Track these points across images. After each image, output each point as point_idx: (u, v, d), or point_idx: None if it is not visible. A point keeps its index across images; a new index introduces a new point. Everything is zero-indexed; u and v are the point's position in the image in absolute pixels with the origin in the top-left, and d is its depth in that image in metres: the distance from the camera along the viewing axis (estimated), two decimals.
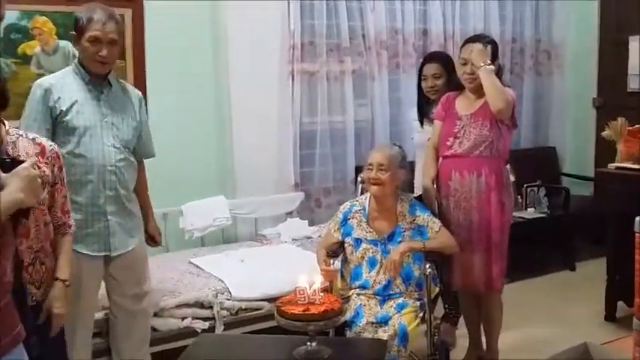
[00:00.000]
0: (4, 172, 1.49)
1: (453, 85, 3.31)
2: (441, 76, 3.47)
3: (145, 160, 2.88)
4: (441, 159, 3.20)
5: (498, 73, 3.10)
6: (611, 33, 5.53)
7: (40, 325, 1.98)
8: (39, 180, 1.57)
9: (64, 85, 2.55)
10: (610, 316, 3.92)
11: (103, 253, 2.63)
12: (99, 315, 2.86)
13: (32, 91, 2.55)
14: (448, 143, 3.12)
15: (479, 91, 3.07)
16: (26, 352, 1.58)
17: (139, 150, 2.77)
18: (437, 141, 3.20)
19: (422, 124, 3.57)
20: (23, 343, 1.56)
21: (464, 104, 3.15)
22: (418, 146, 3.57)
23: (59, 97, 2.51)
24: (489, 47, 3.05)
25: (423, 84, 3.53)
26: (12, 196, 1.44)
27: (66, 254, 2.14)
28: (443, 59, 3.57)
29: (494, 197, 3.06)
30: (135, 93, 2.76)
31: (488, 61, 2.98)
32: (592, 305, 4.03)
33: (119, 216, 2.64)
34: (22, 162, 1.56)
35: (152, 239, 2.93)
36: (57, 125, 2.52)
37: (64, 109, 2.51)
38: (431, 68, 3.50)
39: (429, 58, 3.66)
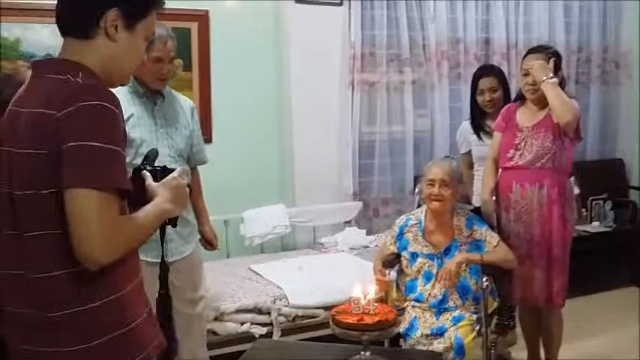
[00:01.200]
0: (155, 182, 1.52)
1: (508, 98, 3.29)
2: (497, 90, 3.50)
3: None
4: (500, 170, 3.17)
5: (561, 84, 3.04)
6: None
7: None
8: (186, 189, 1.57)
9: (120, 101, 2.64)
10: None
11: (158, 260, 2.70)
12: None
13: None
14: (509, 155, 3.09)
15: (541, 103, 3.03)
16: None
17: (192, 157, 2.85)
18: (496, 153, 3.18)
19: (479, 136, 3.56)
20: None
21: (525, 116, 3.11)
22: (478, 158, 3.55)
23: None
24: (552, 61, 3.00)
25: (480, 98, 3.54)
26: (160, 207, 1.46)
27: None
28: (498, 72, 3.61)
29: (556, 210, 3.01)
30: (186, 103, 2.83)
31: (551, 74, 2.94)
32: None
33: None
34: (172, 170, 1.57)
35: (209, 243, 2.98)
36: None
37: None
38: (487, 82, 3.52)
39: (484, 71, 3.66)
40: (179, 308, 2.83)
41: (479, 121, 3.58)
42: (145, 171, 1.54)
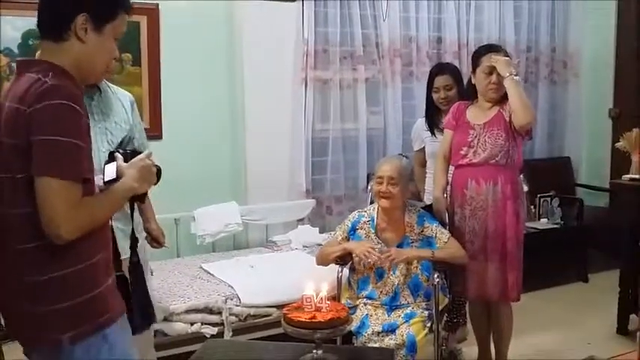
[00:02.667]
0: (125, 163, 1.72)
1: (463, 96, 3.32)
2: (452, 88, 3.52)
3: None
4: (453, 168, 3.19)
5: None
6: (629, 42, 5.47)
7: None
8: (153, 169, 1.76)
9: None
10: (622, 328, 3.87)
11: None
12: None
13: None
14: (462, 152, 3.11)
15: (492, 100, 3.06)
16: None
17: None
18: (447, 150, 3.20)
19: (432, 133, 3.58)
20: None
21: (475, 113, 3.14)
22: (431, 155, 3.57)
23: None
24: (518, 60, 3.04)
25: (435, 95, 3.57)
26: (127, 185, 1.68)
27: None
28: (453, 71, 3.63)
29: (509, 206, 3.04)
30: (126, 96, 2.75)
31: (514, 72, 2.98)
32: (604, 318, 3.99)
33: (121, 222, 2.65)
34: (140, 153, 1.77)
35: (156, 241, 2.90)
36: None
37: None
38: (443, 80, 3.54)
39: (440, 69, 3.67)
40: None
41: (433, 119, 3.60)
42: (116, 153, 1.76)
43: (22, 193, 1.54)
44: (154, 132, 3.92)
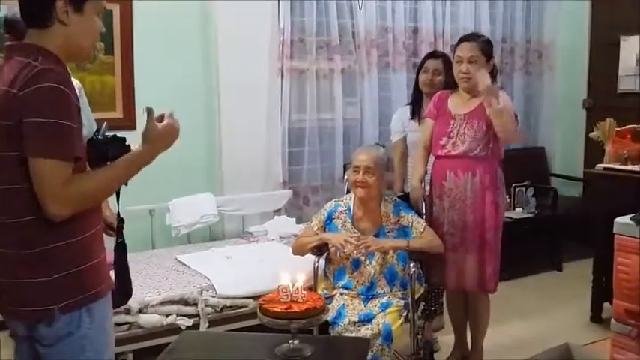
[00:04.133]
0: (104, 149, 1.76)
1: (448, 86, 3.32)
2: (440, 74, 3.50)
3: None
4: (433, 158, 3.19)
5: (493, 72, 3.09)
6: (602, 33, 5.52)
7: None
8: (176, 129, 1.96)
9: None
10: (596, 316, 3.93)
11: None
12: None
13: None
14: (442, 142, 3.10)
15: (473, 91, 3.07)
16: None
17: None
18: (428, 140, 3.19)
19: (417, 121, 3.55)
20: None
21: (457, 103, 3.13)
22: (414, 145, 3.52)
23: None
24: (489, 65, 3.04)
25: (422, 76, 3.54)
26: (154, 152, 1.86)
27: None
28: (446, 58, 3.59)
29: (488, 197, 3.05)
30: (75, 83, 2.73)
31: (492, 87, 2.96)
32: (578, 306, 4.05)
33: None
34: (123, 139, 1.82)
35: (110, 227, 2.89)
36: None
37: None
38: (434, 63, 3.53)
39: (434, 54, 3.71)
40: None
41: (418, 106, 3.57)
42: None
43: (12, 169, 1.60)
44: (127, 122, 3.85)
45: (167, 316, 3.15)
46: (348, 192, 3.20)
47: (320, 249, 2.98)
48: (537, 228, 5.00)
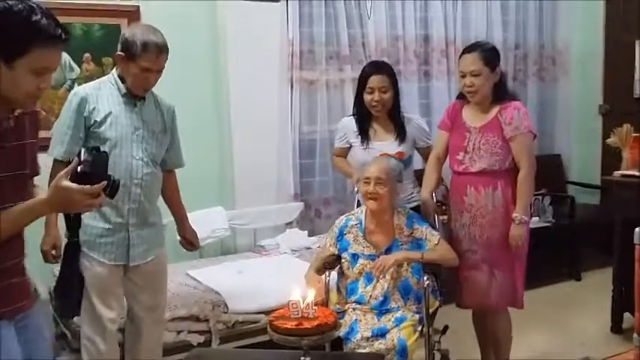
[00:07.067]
0: (92, 166, 1.70)
1: (397, 102, 3.19)
2: (387, 91, 3.13)
3: None
4: (452, 174, 3.11)
5: (501, 79, 3.02)
6: (617, 37, 5.45)
7: None
8: (71, 195, 1.68)
9: (100, 96, 2.60)
10: (616, 327, 3.84)
11: (120, 263, 2.66)
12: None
13: (69, 100, 2.61)
14: (459, 157, 3.02)
15: (483, 104, 2.99)
16: None
17: (169, 161, 2.85)
18: (441, 152, 3.12)
19: (363, 142, 3.21)
20: None
21: (472, 115, 3.04)
22: (361, 165, 3.13)
23: (94, 108, 2.58)
24: (495, 74, 2.96)
25: (368, 97, 3.13)
26: (39, 207, 1.69)
27: None
28: (390, 72, 3.21)
29: (513, 210, 2.95)
30: (167, 106, 2.81)
31: (523, 217, 2.93)
32: (598, 316, 3.96)
33: (140, 228, 2.68)
34: (105, 154, 1.79)
35: (190, 243, 2.98)
36: (90, 135, 2.58)
37: (98, 119, 2.57)
38: (378, 80, 3.12)
39: (376, 68, 3.20)
40: (137, 312, 2.76)
41: (364, 125, 3.21)
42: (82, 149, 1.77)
43: None
44: None
45: (178, 332, 3.11)
46: (359, 205, 3.14)
47: (332, 264, 2.93)
48: (555, 237, 4.89)
